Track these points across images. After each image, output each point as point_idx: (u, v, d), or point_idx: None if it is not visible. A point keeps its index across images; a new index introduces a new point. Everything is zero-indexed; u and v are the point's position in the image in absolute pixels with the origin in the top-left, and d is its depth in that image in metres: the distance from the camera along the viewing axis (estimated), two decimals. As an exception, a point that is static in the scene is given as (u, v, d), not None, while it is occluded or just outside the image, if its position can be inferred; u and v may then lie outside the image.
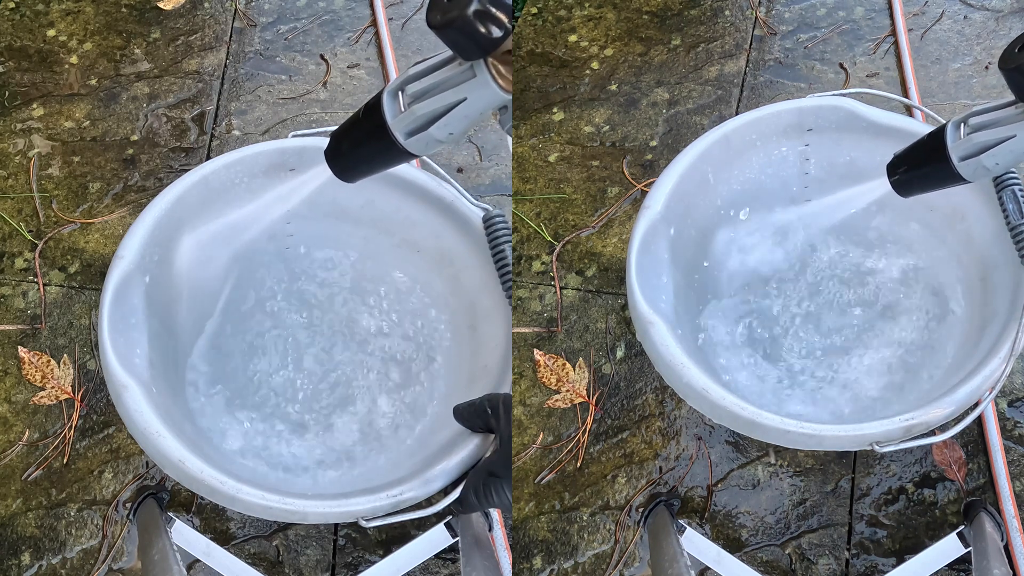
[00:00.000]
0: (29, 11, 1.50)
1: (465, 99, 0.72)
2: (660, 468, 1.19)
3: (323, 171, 0.84)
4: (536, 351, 1.25)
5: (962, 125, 0.82)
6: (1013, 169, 0.98)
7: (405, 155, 0.77)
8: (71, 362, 1.23)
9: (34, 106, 1.41)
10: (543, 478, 1.19)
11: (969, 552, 1.06)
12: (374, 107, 0.76)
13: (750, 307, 1.13)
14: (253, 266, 1.08)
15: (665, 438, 1.21)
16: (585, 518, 1.17)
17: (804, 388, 1.09)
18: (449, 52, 0.71)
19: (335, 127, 0.83)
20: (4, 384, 1.22)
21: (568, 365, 1.24)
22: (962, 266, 1.07)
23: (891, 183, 0.90)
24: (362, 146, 0.79)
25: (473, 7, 0.65)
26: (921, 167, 0.87)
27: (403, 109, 0.75)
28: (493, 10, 0.65)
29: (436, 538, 1.08)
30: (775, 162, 1.10)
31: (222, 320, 1.06)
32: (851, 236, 1.14)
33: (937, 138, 0.84)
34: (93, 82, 1.44)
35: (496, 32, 0.66)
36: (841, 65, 1.45)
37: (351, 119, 0.80)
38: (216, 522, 1.16)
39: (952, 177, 0.84)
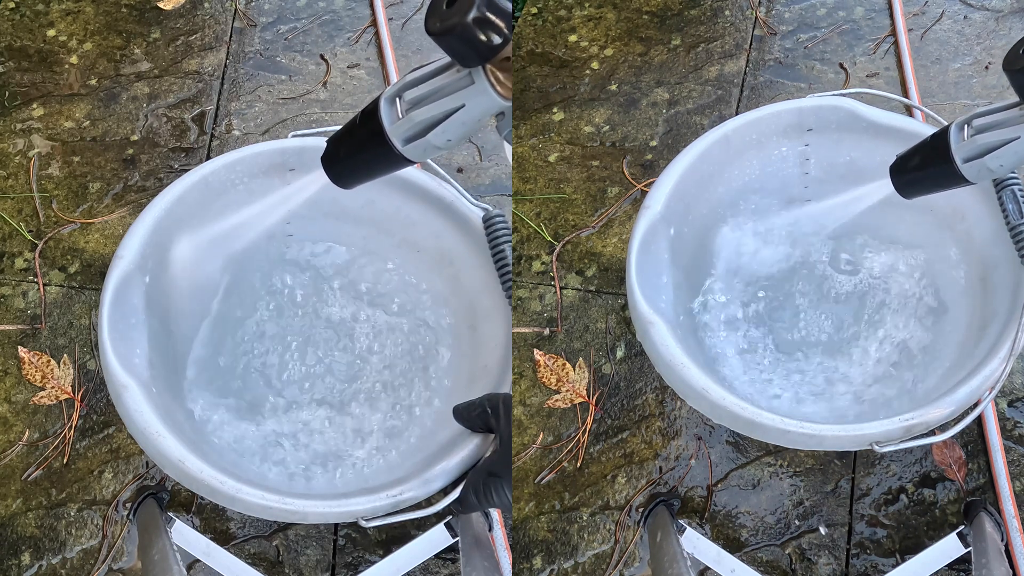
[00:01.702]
0: (29, 11, 1.50)
1: (463, 105, 0.71)
2: (660, 468, 1.19)
3: (323, 175, 0.84)
4: (536, 351, 1.25)
5: (966, 127, 0.82)
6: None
7: (403, 161, 0.77)
8: (71, 362, 1.23)
9: (34, 106, 1.41)
10: (543, 478, 1.19)
11: (969, 552, 1.06)
12: (371, 113, 0.75)
13: (750, 307, 1.13)
14: (252, 266, 1.08)
15: (665, 438, 1.21)
16: (585, 518, 1.17)
17: (804, 387, 1.09)
18: (447, 58, 0.71)
19: (334, 127, 0.82)
20: (4, 384, 1.22)
21: (568, 365, 1.24)
22: (962, 266, 1.07)
23: (894, 185, 0.90)
24: (359, 152, 0.79)
25: (473, 14, 0.64)
26: (924, 169, 0.87)
27: (401, 115, 0.74)
28: (492, 17, 0.65)
29: (436, 538, 1.08)
30: (775, 162, 1.10)
31: (221, 320, 1.06)
32: (851, 236, 1.14)
33: (940, 140, 0.83)
34: (93, 82, 1.44)
35: (496, 39, 0.66)
36: (841, 65, 1.45)
37: (348, 125, 0.79)
38: (216, 522, 1.16)
39: (956, 179, 0.83)
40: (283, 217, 1.05)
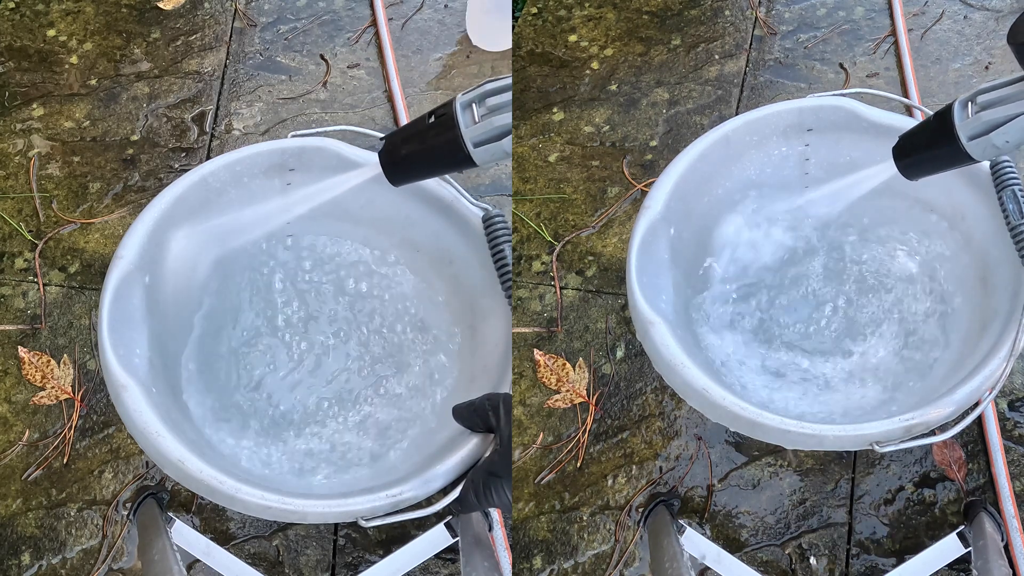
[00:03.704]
0: (29, 11, 1.50)
1: None
2: (660, 468, 1.19)
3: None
4: (536, 351, 1.25)
5: (969, 104, 0.80)
6: (1013, 169, 0.98)
7: (468, 163, 0.80)
8: (71, 362, 1.23)
9: (34, 106, 1.41)
10: (543, 478, 1.19)
11: (969, 552, 1.06)
12: (445, 115, 0.79)
13: (750, 306, 1.13)
14: (252, 265, 1.08)
15: (665, 438, 1.21)
16: (585, 518, 1.17)
17: (803, 387, 1.09)
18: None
19: (335, 127, 0.85)
20: (4, 384, 1.22)
21: (568, 365, 1.24)
22: (962, 266, 1.07)
23: (897, 167, 0.89)
24: (425, 151, 0.82)
25: None
26: (929, 149, 0.85)
27: (476, 120, 0.78)
28: None
29: (436, 538, 1.08)
30: (775, 162, 1.10)
31: (221, 319, 1.06)
32: (850, 236, 1.14)
33: (944, 118, 0.82)
34: (93, 82, 1.44)
35: None
36: (841, 65, 1.45)
37: (414, 125, 0.83)
38: (216, 522, 1.16)
39: (961, 158, 0.82)
40: (284, 215, 1.05)
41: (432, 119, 0.81)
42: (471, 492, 0.83)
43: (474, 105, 0.79)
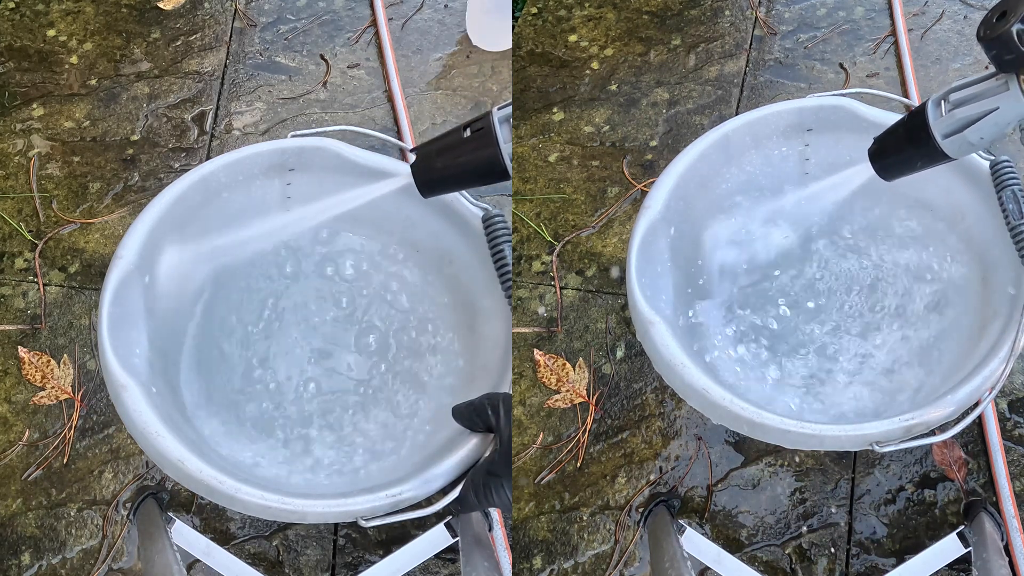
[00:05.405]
0: (29, 11, 1.50)
1: None
2: (660, 468, 1.19)
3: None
4: (536, 351, 1.25)
5: (942, 102, 0.81)
6: (1013, 169, 0.98)
7: (503, 177, 0.83)
8: (71, 362, 1.23)
9: (34, 106, 1.41)
10: (543, 478, 1.19)
11: (969, 552, 1.06)
12: (482, 129, 0.81)
13: (750, 305, 1.13)
14: (251, 265, 1.08)
15: (665, 438, 1.21)
16: (585, 518, 1.17)
17: (803, 386, 1.09)
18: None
19: (334, 127, 0.85)
20: (4, 384, 1.22)
21: (568, 365, 1.24)
22: (962, 266, 1.07)
23: (874, 168, 0.90)
24: (461, 165, 0.84)
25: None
26: (904, 149, 0.86)
27: (508, 140, 0.80)
28: None
29: (436, 538, 1.08)
30: (775, 162, 1.10)
31: (220, 318, 1.06)
32: (849, 236, 1.14)
33: (918, 118, 0.83)
34: (93, 82, 1.44)
35: None
36: (841, 65, 1.45)
37: (448, 138, 0.84)
38: (216, 522, 1.16)
39: (937, 156, 0.83)
40: (286, 221, 1.06)
41: (468, 132, 0.82)
42: (471, 492, 0.83)
43: (510, 120, 0.80)
